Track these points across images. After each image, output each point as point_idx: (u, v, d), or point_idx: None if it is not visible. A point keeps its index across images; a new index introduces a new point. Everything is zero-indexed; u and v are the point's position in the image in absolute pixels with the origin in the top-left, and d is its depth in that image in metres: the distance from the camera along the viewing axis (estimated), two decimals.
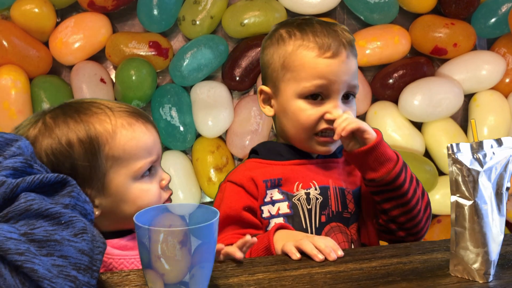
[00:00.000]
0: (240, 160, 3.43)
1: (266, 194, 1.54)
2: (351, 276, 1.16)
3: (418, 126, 3.46)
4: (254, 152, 1.68)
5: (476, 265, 1.12)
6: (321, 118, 1.53)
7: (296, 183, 1.56)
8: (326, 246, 1.26)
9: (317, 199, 1.55)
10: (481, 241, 1.11)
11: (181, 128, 3.25)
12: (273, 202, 1.54)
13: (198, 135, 3.38)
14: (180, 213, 1.12)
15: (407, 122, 3.41)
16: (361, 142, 1.47)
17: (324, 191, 1.57)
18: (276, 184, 1.55)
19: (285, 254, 1.29)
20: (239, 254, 1.24)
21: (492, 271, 1.12)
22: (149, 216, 1.08)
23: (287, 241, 1.31)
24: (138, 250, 1.03)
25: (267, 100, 1.66)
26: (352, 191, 1.61)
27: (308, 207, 1.54)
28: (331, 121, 1.52)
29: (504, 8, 3.36)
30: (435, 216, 3.50)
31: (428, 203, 1.61)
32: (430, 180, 3.30)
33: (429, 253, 1.28)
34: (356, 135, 1.47)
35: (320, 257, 1.24)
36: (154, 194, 1.40)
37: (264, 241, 1.38)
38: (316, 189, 1.56)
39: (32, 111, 3.15)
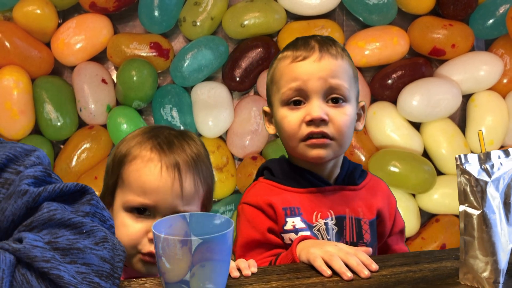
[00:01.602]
0: (240, 160, 3.45)
1: (286, 222, 1.51)
2: (362, 284, 1.18)
3: (417, 126, 3.48)
4: (267, 169, 1.65)
5: (485, 274, 1.13)
6: (302, 122, 1.52)
7: (315, 213, 1.53)
8: (358, 264, 1.23)
9: (333, 229, 1.53)
10: (490, 250, 1.13)
11: (182, 128, 3.26)
12: (296, 231, 1.49)
13: (199, 135, 3.39)
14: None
15: (406, 122, 3.43)
16: None
17: (340, 221, 1.55)
18: (297, 213, 1.52)
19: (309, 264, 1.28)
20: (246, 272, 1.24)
21: (501, 279, 1.13)
22: None
23: (312, 249, 1.29)
24: None
25: (270, 120, 1.68)
26: (369, 221, 1.58)
27: (328, 237, 1.52)
28: (313, 123, 1.50)
29: (502, 10, 3.38)
30: (433, 215, 3.53)
31: None
32: (428, 180, 3.33)
33: (439, 261, 1.30)
34: None
35: (348, 275, 1.20)
36: (128, 234, 1.41)
37: (289, 257, 1.36)
38: (332, 219, 1.54)
39: (34, 112, 3.18)
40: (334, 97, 1.53)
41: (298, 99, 1.54)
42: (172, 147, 1.46)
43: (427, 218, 3.56)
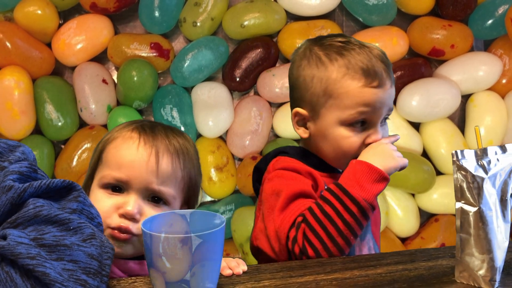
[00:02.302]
0: (240, 160, 3.46)
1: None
2: (356, 283, 1.18)
3: (416, 126, 3.48)
4: (283, 153, 1.61)
5: (481, 272, 1.14)
6: (363, 144, 1.53)
7: None
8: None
9: None
10: (486, 248, 1.13)
11: (182, 129, 3.26)
12: None
13: (199, 135, 3.40)
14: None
15: (405, 123, 3.43)
16: None
17: None
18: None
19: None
20: (237, 271, 1.24)
21: (497, 277, 1.14)
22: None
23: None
24: None
25: (301, 121, 1.61)
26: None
27: None
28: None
29: (501, 10, 3.38)
30: (433, 215, 3.54)
31: None
32: (428, 179, 3.34)
33: (434, 259, 1.30)
34: None
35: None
36: (99, 208, 1.28)
37: (362, 170, 1.45)
38: None
39: (35, 112, 3.18)
40: (386, 118, 1.59)
41: (363, 121, 1.53)
42: (154, 130, 1.45)
43: (426, 218, 3.56)
